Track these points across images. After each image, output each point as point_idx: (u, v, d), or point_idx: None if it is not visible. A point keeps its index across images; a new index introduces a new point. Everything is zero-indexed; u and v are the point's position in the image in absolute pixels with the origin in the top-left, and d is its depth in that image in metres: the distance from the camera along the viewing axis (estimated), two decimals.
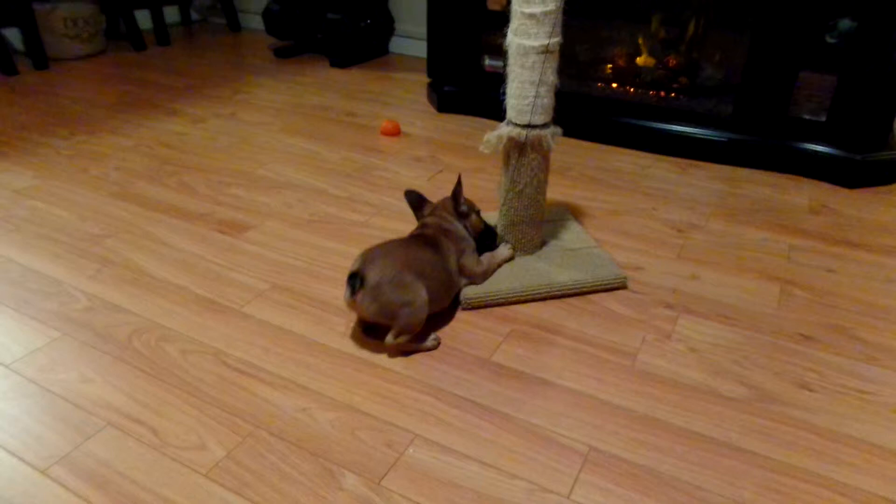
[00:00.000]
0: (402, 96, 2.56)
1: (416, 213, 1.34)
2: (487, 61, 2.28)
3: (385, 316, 1.10)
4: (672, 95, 2.13)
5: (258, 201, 1.68)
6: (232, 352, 1.14)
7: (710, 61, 2.20)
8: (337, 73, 2.85)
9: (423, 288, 1.10)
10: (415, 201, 1.34)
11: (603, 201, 1.72)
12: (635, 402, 1.05)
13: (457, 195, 1.29)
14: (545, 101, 1.23)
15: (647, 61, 2.23)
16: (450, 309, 1.24)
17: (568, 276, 1.31)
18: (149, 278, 1.35)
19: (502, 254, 1.34)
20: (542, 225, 1.39)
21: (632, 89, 2.19)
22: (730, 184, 1.84)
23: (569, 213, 1.59)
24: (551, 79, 1.22)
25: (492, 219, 1.41)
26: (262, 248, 1.47)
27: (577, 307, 1.28)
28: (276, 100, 2.48)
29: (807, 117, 1.86)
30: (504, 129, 1.27)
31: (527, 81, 1.21)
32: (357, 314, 1.16)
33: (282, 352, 1.15)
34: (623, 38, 2.29)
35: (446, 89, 2.35)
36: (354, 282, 1.07)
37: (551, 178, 1.40)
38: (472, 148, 2.06)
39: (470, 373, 1.10)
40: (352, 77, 2.80)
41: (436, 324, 1.21)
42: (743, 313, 1.27)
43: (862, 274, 1.41)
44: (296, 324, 1.22)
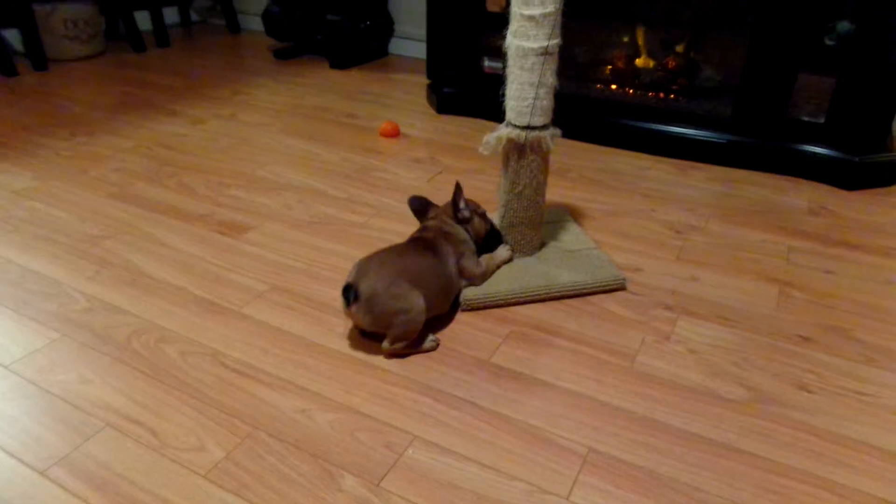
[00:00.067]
0: (402, 98, 2.56)
1: (420, 218, 1.34)
2: (487, 63, 2.29)
3: (380, 325, 1.11)
4: (671, 97, 2.13)
5: (257, 202, 1.69)
6: (231, 353, 1.14)
7: (709, 63, 2.20)
8: (336, 75, 2.85)
9: (420, 295, 1.11)
10: (419, 207, 1.34)
11: (602, 203, 1.72)
12: (634, 404, 1.05)
13: (456, 202, 1.29)
14: (544, 102, 1.23)
15: (646, 63, 2.23)
16: (449, 310, 1.24)
17: (567, 278, 1.31)
18: (148, 279, 1.35)
19: (501, 255, 1.34)
20: (541, 226, 1.39)
21: (631, 91, 2.19)
22: (729, 185, 1.84)
23: (568, 215, 1.59)
24: (550, 80, 1.22)
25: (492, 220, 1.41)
26: (261, 249, 1.47)
27: (576, 308, 1.28)
28: (276, 101, 2.48)
29: (805, 119, 1.87)
30: (503, 131, 1.27)
31: (526, 83, 1.21)
32: (354, 323, 1.16)
33: (281, 353, 1.15)
34: (622, 39, 2.29)
35: (446, 91, 2.36)
36: (349, 294, 1.08)
37: (550, 179, 1.40)
38: (471, 149, 2.06)
39: (469, 374, 1.10)
40: (351, 78, 2.81)
41: (435, 325, 1.21)
42: (742, 315, 1.27)
43: (860, 275, 1.41)
44: (295, 325, 1.22)
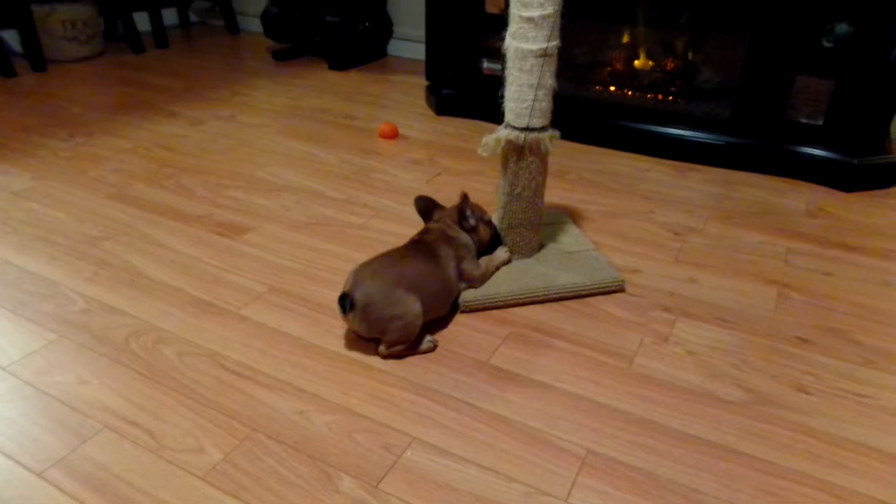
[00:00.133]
0: (401, 99, 2.56)
1: (425, 218, 1.34)
2: (485, 64, 2.29)
3: (377, 332, 1.11)
4: (670, 99, 2.13)
5: (256, 203, 1.68)
6: (229, 354, 1.14)
7: (707, 64, 2.21)
8: (335, 76, 2.85)
9: (416, 300, 1.11)
10: (425, 208, 1.34)
11: (601, 204, 1.72)
12: (633, 405, 1.05)
13: (462, 212, 1.29)
14: (543, 104, 1.23)
15: (644, 64, 2.23)
16: (448, 312, 1.24)
17: (566, 279, 1.31)
18: (146, 280, 1.35)
19: (500, 257, 1.34)
20: (539, 228, 1.39)
21: (630, 92, 2.19)
22: (727, 187, 1.84)
23: (567, 216, 1.59)
24: (550, 82, 1.22)
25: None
26: (259, 250, 1.47)
27: (574, 310, 1.28)
28: (275, 102, 2.48)
29: (804, 121, 1.87)
30: (502, 132, 1.27)
31: (525, 85, 1.21)
32: (352, 329, 1.16)
33: (279, 354, 1.14)
34: (621, 41, 2.29)
35: (444, 92, 2.36)
36: (345, 303, 1.08)
37: (549, 180, 1.40)
38: (470, 151, 2.06)
39: (468, 375, 1.10)
40: (350, 80, 2.81)
41: (434, 326, 1.21)
42: (740, 316, 1.27)
43: (859, 277, 1.41)
44: (293, 326, 1.22)
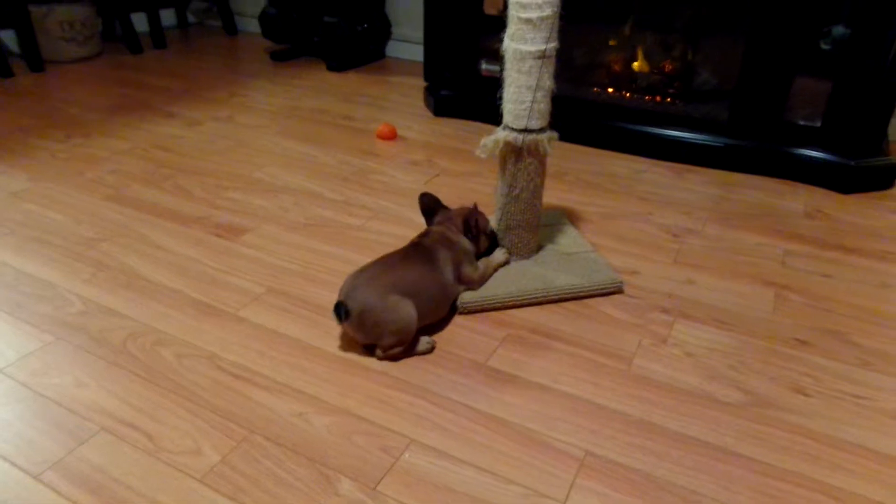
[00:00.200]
0: (399, 100, 2.56)
1: (428, 219, 1.34)
2: (484, 65, 2.29)
3: (372, 338, 1.12)
4: (668, 100, 2.13)
5: (254, 205, 1.68)
6: (227, 356, 1.14)
7: (705, 66, 2.21)
8: (334, 77, 2.85)
9: (411, 305, 1.11)
10: (428, 206, 1.34)
11: (599, 206, 1.72)
12: (631, 407, 1.05)
13: (468, 223, 1.28)
14: (542, 105, 1.23)
15: (643, 66, 2.24)
16: (447, 313, 1.24)
17: (564, 281, 1.31)
18: (144, 282, 1.35)
19: (498, 259, 1.34)
20: (538, 229, 1.39)
21: (628, 94, 2.20)
22: (725, 188, 1.84)
23: (565, 218, 1.59)
24: (548, 84, 1.22)
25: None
26: (258, 251, 1.47)
27: (573, 311, 1.28)
28: (273, 103, 2.48)
29: (802, 123, 1.87)
30: (501, 134, 1.27)
31: (524, 86, 1.21)
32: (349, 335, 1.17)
33: (277, 356, 1.14)
34: (619, 43, 2.29)
35: (443, 93, 2.36)
36: (340, 311, 1.08)
37: (547, 182, 1.40)
38: (468, 152, 2.06)
39: (466, 377, 1.10)
40: (348, 81, 2.80)
41: (432, 328, 1.20)
42: (738, 318, 1.27)
43: (857, 279, 1.41)
44: (291, 328, 1.21)
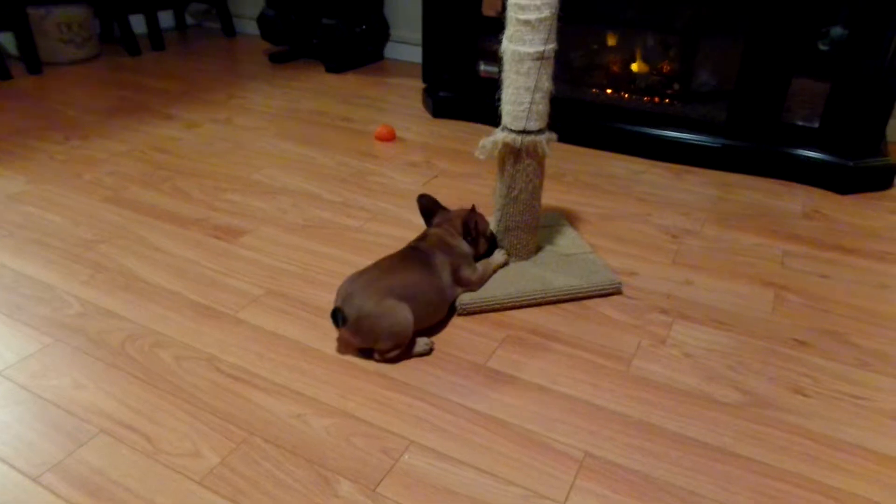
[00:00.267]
0: (398, 101, 2.56)
1: (427, 220, 1.34)
2: (482, 67, 2.29)
3: (369, 342, 1.12)
4: (666, 101, 2.14)
5: (253, 206, 1.68)
6: (226, 357, 1.14)
7: (704, 67, 2.21)
8: (332, 79, 2.85)
9: (407, 309, 1.11)
10: (427, 207, 1.34)
11: (597, 207, 1.72)
12: (630, 408, 1.05)
13: (467, 225, 1.28)
14: (540, 107, 1.23)
15: (641, 67, 2.24)
16: (446, 315, 1.24)
17: (563, 282, 1.31)
18: (142, 284, 1.34)
19: (497, 260, 1.34)
20: (537, 230, 1.39)
21: (626, 95, 2.20)
22: (723, 189, 1.84)
23: (564, 219, 1.59)
24: (546, 85, 1.22)
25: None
26: (256, 253, 1.46)
27: (572, 312, 1.28)
28: (271, 105, 2.48)
29: (800, 123, 1.87)
30: (499, 135, 1.27)
31: (522, 87, 1.21)
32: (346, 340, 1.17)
33: (276, 357, 1.14)
34: (618, 44, 2.30)
35: (441, 95, 2.36)
36: (337, 318, 1.09)
37: (546, 183, 1.40)
38: (467, 153, 2.06)
39: (465, 378, 1.10)
40: (347, 82, 2.80)
41: (431, 329, 1.20)
42: (737, 318, 1.27)
43: (855, 279, 1.42)
44: (290, 329, 1.21)
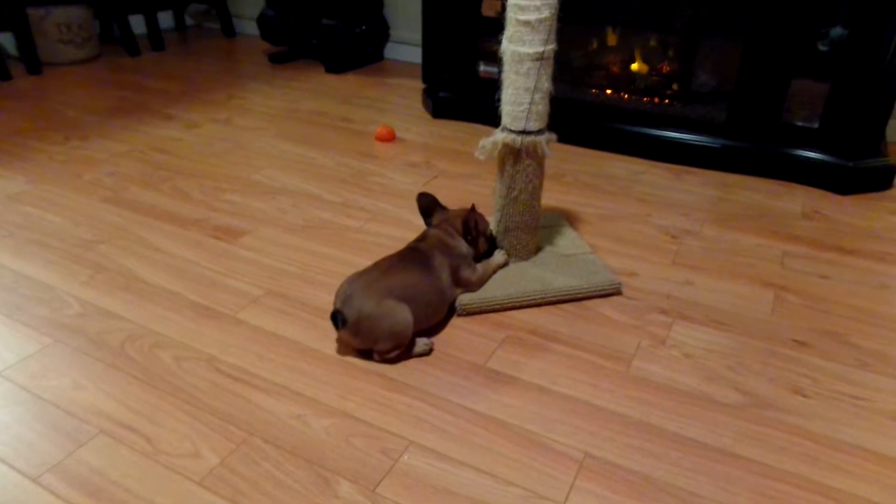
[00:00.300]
0: (397, 102, 2.56)
1: (426, 219, 1.34)
2: (482, 67, 2.29)
3: (369, 344, 1.12)
4: (666, 102, 2.14)
5: (252, 207, 1.68)
6: (226, 358, 1.14)
7: (703, 68, 2.21)
8: (332, 79, 2.85)
9: (407, 310, 1.11)
10: (427, 206, 1.33)
11: (597, 207, 1.72)
12: (630, 408, 1.05)
13: (467, 225, 1.27)
14: (540, 107, 1.23)
15: (641, 68, 2.24)
16: (445, 315, 1.24)
17: (563, 282, 1.31)
18: (142, 284, 1.34)
19: (496, 260, 1.34)
20: (536, 231, 1.39)
21: (626, 95, 2.20)
22: (723, 190, 1.84)
23: (563, 219, 1.59)
24: (546, 85, 1.22)
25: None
26: (256, 253, 1.46)
27: (571, 313, 1.28)
28: (271, 105, 2.48)
29: (799, 124, 1.87)
30: (499, 136, 1.27)
31: (522, 88, 1.21)
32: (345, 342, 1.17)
33: (276, 358, 1.14)
34: (617, 44, 2.30)
35: (441, 95, 2.36)
36: (336, 320, 1.09)
37: (546, 183, 1.40)
38: (466, 154, 2.06)
39: (465, 379, 1.10)
40: (347, 83, 2.81)
41: (431, 329, 1.20)
42: (737, 319, 1.27)
43: (855, 280, 1.42)
44: (290, 330, 1.21)
